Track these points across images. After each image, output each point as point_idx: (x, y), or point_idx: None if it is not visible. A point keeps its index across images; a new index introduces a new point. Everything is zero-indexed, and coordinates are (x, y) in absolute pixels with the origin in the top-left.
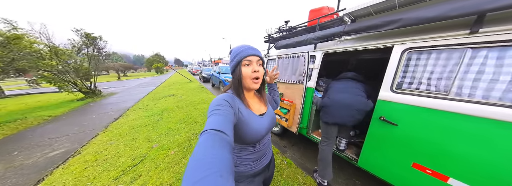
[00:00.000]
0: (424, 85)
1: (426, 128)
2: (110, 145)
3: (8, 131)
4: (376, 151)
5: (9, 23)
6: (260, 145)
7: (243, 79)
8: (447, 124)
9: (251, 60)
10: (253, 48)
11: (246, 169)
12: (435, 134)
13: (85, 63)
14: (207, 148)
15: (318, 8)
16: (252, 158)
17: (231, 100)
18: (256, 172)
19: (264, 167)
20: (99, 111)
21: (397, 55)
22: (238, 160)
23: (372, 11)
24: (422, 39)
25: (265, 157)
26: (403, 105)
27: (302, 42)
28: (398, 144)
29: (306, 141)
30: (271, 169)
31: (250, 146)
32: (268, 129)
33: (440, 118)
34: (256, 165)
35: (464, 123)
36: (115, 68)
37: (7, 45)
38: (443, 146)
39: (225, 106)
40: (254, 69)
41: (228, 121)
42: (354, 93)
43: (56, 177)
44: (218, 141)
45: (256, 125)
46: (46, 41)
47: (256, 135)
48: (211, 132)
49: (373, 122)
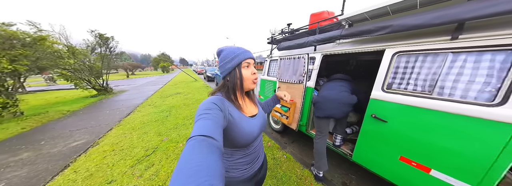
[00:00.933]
0: (411, 86)
1: (411, 124)
2: (124, 138)
3: (34, 123)
4: (368, 146)
5: (34, 25)
6: (252, 147)
7: (244, 81)
8: (430, 120)
9: (250, 62)
10: (249, 51)
11: (238, 174)
12: (419, 130)
13: (98, 62)
14: (194, 154)
15: (319, 12)
16: (244, 161)
17: (221, 103)
18: (247, 177)
19: (257, 170)
20: (112, 107)
21: (388, 58)
22: (229, 164)
23: (367, 17)
24: (410, 43)
25: (258, 160)
26: (392, 103)
27: (303, 44)
28: (387, 139)
29: (305, 138)
30: (263, 172)
31: (242, 149)
32: (259, 130)
33: (424, 115)
34: (249, 170)
35: (444, 119)
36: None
37: (33, 46)
38: (426, 140)
39: (214, 109)
40: (253, 71)
41: (217, 125)
42: (339, 90)
43: (80, 163)
44: (206, 146)
45: (247, 127)
46: (65, 42)
47: (248, 137)
48: (198, 138)
49: (365, 119)
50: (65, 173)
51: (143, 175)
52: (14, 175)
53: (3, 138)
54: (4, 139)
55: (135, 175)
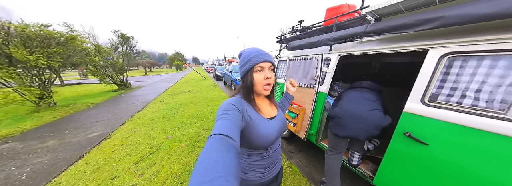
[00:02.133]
0: (469, 100)
1: (468, 153)
2: (133, 133)
3: (64, 113)
4: (397, 171)
5: (68, 26)
6: (270, 150)
7: (255, 86)
8: (501, 150)
9: (264, 66)
10: (265, 54)
11: (254, 177)
12: (481, 162)
13: (120, 60)
14: (213, 151)
15: (337, 6)
16: (261, 164)
17: (239, 104)
18: (264, 182)
19: (273, 177)
20: (128, 102)
21: (433, 61)
22: (246, 165)
23: (402, 8)
24: (469, 42)
25: (276, 166)
26: (438, 121)
27: (316, 43)
28: (426, 167)
29: (314, 147)
30: (278, 181)
31: (260, 151)
32: (278, 133)
33: (490, 142)
34: (266, 174)
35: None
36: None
37: (65, 44)
38: (492, 178)
39: (233, 110)
40: (266, 76)
41: (235, 125)
42: (368, 106)
43: (92, 155)
44: (223, 145)
45: (265, 129)
46: (92, 41)
47: (266, 139)
48: (218, 136)
49: (395, 137)
50: (78, 164)
51: (144, 173)
52: (38, 161)
53: (38, 125)
54: (39, 125)
55: (137, 173)
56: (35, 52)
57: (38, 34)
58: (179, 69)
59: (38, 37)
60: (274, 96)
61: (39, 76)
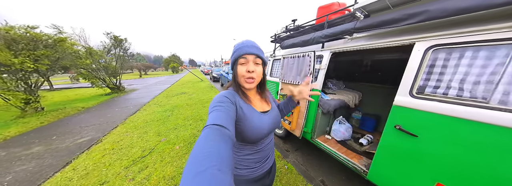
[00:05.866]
0: (454, 90)
1: (455, 143)
2: (126, 136)
3: (52, 118)
4: (389, 164)
5: (57, 28)
6: (262, 144)
7: (238, 78)
8: (485, 139)
9: (248, 59)
10: (251, 46)
11: (246, 172)
12: (468, 151)
13: (113, 63)
14: (208, 141)
15: (328, 4)
16: (253, 159)
17: (232, 97)
18: (256, 177)
19: (265, 172)
20: (121, 105)
21: (418, 54)
22: (237, 160)
23: (389, 4)
24: (452, 34)
25: (268, 161)
26: (426, 113)
27: (309, 41)
28: (418, 159)
29: (311, 146)
30: (271, 176)
31: (251, 145)
32: (270, 127)
33: (475, 131)
34: (258, 169)
35: (507, 138)
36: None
37: (54, 47)
38: (479, 166)
39: (226, 102)
40: (248, 69)
41: (229, 117)
42: None
43: (80, 161)
44: (218, 135)
45: (257, 121)
46: (84, 43)
47: (258, 132)
48: (213, 126)
49: (386, 131)
50: (65, 170)
51: (135, 178)
52: (22, 168)
53: (23, 131)
54: (24, 132)
55: (127, 177)
56: (21, 55)
57: (24, 36)
58: (175, 72)
59: (24, 39)
60: (265, 93)
61: (24, 80)
